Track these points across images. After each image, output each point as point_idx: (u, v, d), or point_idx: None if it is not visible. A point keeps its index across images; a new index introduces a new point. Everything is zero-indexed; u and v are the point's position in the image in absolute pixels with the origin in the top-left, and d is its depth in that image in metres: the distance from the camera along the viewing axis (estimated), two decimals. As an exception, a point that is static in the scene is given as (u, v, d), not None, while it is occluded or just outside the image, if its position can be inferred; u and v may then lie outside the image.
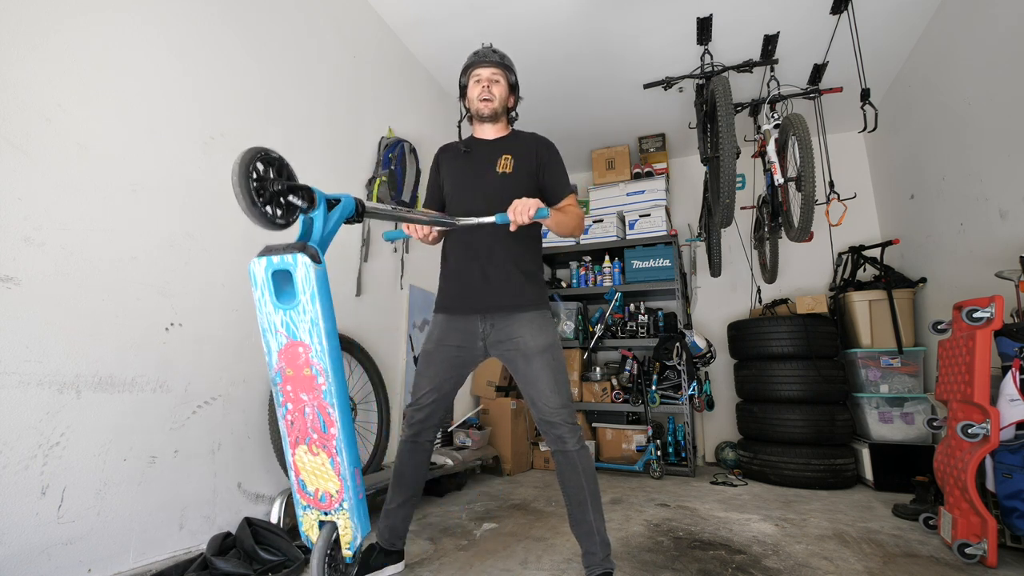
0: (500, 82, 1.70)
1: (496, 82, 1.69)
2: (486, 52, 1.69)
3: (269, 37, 2.14)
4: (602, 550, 1.49)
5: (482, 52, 1.70)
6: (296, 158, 2.21)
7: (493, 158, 1.68)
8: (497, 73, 1.69)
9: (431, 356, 1.63)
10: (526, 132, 1.78)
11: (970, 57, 2.58)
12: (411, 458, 1.64)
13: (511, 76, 1.72)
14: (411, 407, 1.64)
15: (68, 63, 1.43)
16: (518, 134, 1.77)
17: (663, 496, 2.78)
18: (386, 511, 1.64)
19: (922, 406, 3.00)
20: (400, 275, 2.89)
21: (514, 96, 1.76)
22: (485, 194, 1.64)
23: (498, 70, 1.69)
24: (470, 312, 1.62)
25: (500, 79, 1.70)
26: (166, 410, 1.61)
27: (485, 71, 1.68)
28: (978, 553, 1.74)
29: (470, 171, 1.69)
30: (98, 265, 1.46)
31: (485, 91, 1.68)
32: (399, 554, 1.67)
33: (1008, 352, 1.85)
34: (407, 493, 1.64)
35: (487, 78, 1.68)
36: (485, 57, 1.68)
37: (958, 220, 2.77)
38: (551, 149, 1.73)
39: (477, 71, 1.69)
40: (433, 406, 1.62)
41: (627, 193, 4.02)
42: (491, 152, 1.70)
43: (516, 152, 1.69)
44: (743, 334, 3.47)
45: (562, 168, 1.72)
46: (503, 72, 1.70)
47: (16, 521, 1.24)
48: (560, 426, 1.51)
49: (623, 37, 3.11)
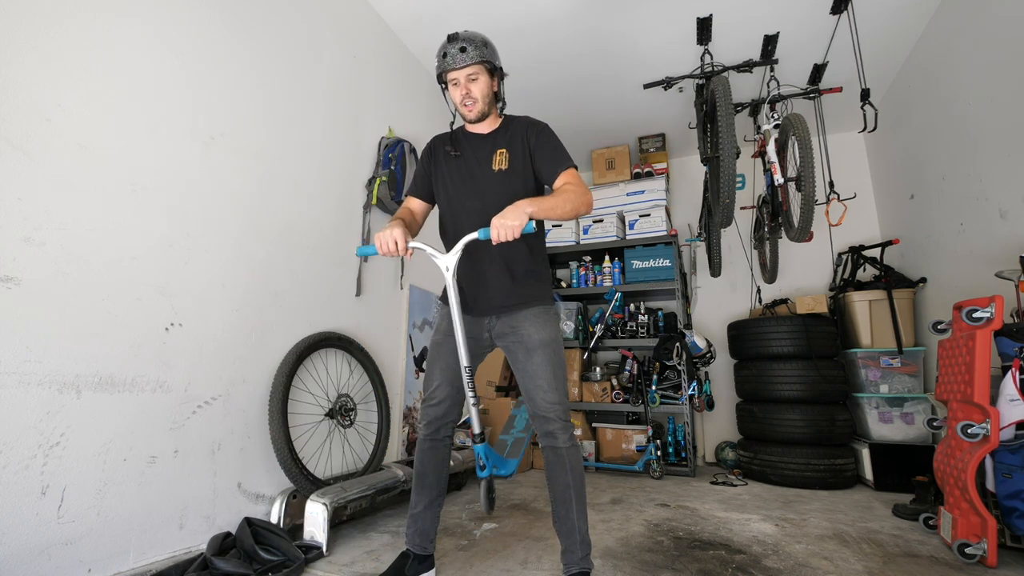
0: (479, 79, 1.58)
1: (474, 81, 1.57)
2: (455, 53, 1.53)
3: (269, 37, 2.14)
4: (581, 549, 1.48)
5: (451, 53, 1.54)
6: (296, 158, 2.23)
7: (488, 155, 1.63)
8: (474, 71, 1.56)
9: (440, 348, 1.61)
10: (520, 118, 1.67)
11: (970, 57, 2.58)
12: (432, 457, 1.61)
13: (488, 64, 1.58)
14: (425, 403, 1.62)
15: (68, 63, 1.43)
16: (510, 123, 1.67)
17: (663, 496, 2.78)
18: (412, 515, 1.61)
19: (922, 406, 3.00)
20: (400, 275, 2.89)
21: (497, 79, 1.63)
22: (483, 195, 1.60)
23: (474, 67, 1.55)
24: (475, 313, 1.62)
25: (478, 75, 1.57)
26: (166, 410, 1.61)
27: (461, 73, 1.56)
28: (978, 553, 1.74)
29: (466, 172, 1.64)
30: (98, 265, 1.46)
31: (467, 96, 1.58)
32: (431, 560, 1.63)
33: (1008, 352, 1.85)
34: (432, 494, 1.61)
35: (465, 81, 1.57)
36: (456, 60, 1.54)
37: (958, 220, 2.77)
38: (540, 130, 1.63)
39: (453, 75, 1.57)
40: (448, 401, 1.60)
41: (627, 193, 4.02)
42: (485, 148, 1.64)
43: (510, 145, 1.62)
44: (743, 334, 3.47)
45: (553, 146, 1.60)
46: (479, 67, 1.57)
47: (16, 521, 1.24)
48: (553, 422, 1.50)
49: (623, 37, 3.11)
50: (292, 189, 2.20)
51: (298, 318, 2.15)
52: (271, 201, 2.08)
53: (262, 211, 2.04)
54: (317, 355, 2.20)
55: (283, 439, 1.87)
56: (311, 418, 2.13)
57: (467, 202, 1.63)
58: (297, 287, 2.17)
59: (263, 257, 2.02)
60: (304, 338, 2.11)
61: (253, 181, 2.01)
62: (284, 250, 2.13)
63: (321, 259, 2.32)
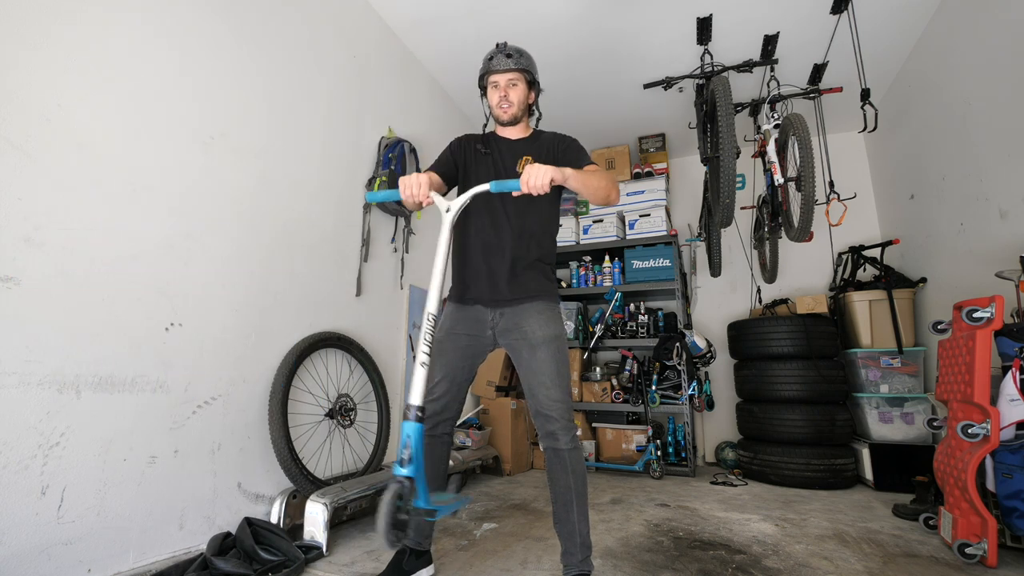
0: (518, 85, 1.67)
1: (514, 86, 1.67)
2: (500, 58, 1.64)
3: (269, 37, 2.14)
4: (581, 551, 1.48)
5: (497, 58, 1.65)
6: (296, 158, 2.23)
7: (515, 159, 1.70)
8: (515, 77, 1.66)
9: (442, 345, 1.62)
10: (548, 132, 1.76)
11: (970, 57, 2.58)
12: (430, 452, 1.62)
13: (528, 75, 1.68)
14: (426, 399, 1.63)
15: (68, 63, 1.43)
16: (539, 135, 1.75)
17: (663, 496, 2.78)
18: None
19: (922, 406, 3.00)
20: (400, 275, 2.89)
21: (534, 92, 1.73)
22: (503, 198, 1.64)
23: (515, 74, 1.65)
24: (479, 304, 1.63)
25: (518, 82, 1.67)
26: (166, 410, 1.61)
27: (502, 77, 1.65)
28: (978, 553, 1.74)
29: (492, 173, 1.68)
30: (98, 265, 1.46)
31: (503, 99, 1.67)
32: (428, 555, 1.65)
33: (1008, 352, 1.85)
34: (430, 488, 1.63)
35: (504, 84, 1.66)
36: (500, 64, 1.64)
37: (958, 220, 2.77)
38: (566, 140, 1.72)
39: (494, 77, 1.66)
40: (447, 397, 1.61)
41: (627, 193, 4.02)
42: (512, 153, 1.71)
43: (536, 154, 1.69)
44: (743, 334, 3.47)
45: (577, 148, 1.69)
46: (520, 74, 1.66)
47: (16, 521, 1.24)
48: (555, 421, 1.50)
49: (623, 37, 3.11)
50: (292, 189, 2.20)
51: (298, 318, 2.15)
52: (271, 201, 2.08)
53: (262, 211, 2.04)
54: (317, 355, 2.20)
55: (283, 439, 1.87)
56: (311, 418, 2.13)
57: (489, 201, 1.66)
58: (297, 287, 2.17)
59: (263, 257, 2.02)
60: (304, 338, 2.11)
61: (253, 181, 2.01)
62: (284, 250, 2.13)
63: (321, 259, 2.32)
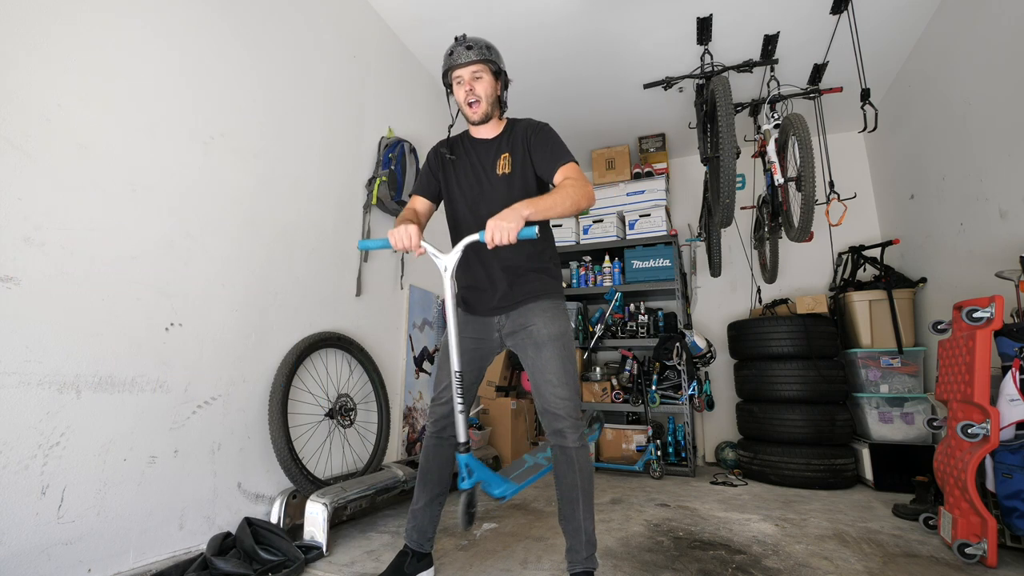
0: (483, 78, 1.59)
1: (479, 79, 1.58)
2: (461, 51, 1.56)
3: (269, 37, 2.14)
4: (586, 549, 1.48)
5: (457, 51, 1.57)
6: (296, 158, 2.23)
7: (493, 160, 1.64)
8: (478, 69, 1.58)
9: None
10: (521, 121, 1.68)
11: (970, 57, 2.58)
12: (436, 454, 1.62)
13: (493, 65, 1.60)
14: (434, 403, 1.63)
15: (68, 64, 1.43)
16: (513, 126, 1.67)
17: (663, 496, 2.78)
18: (413, 511, 1.62)
19: (922, 406, 3.00)
20: (400, 275, 2.89)
21: (501, 83, 1.65)
22: (489, 201, 1.60)
23: (478, 65, 1.57)
24: (484, 313, 1.63)
25: (483, 74, 1.59)
26: (166, 410, 1.61)
27: (465, 71, 1.57)
28: (978, 553, 1.74)
29: (473, 178, 1.65)
30: (98, 265, 1.46)
31: (470, 93, 1.59)
32: (429, 558, 1.64)
33: (1008, 352, 1.85)
34: (433, 491, 1.62)
35: (469, 78, 1.58)
36: (461, 57, 1.56)
37: (958, 220, 2.77)
38: (538, 129, 1.62)
39: (457, 72, 1.59)
40: None
41: (627, 193, 4.02)
42: (490, 153, 1.65)
43: (512, 148, 1.63)
44: (743, 334, 3.47)
45: (551, 142, 1.59)
46: (484, 66, 1.58)
47: (16, 521, 1.24)
48: (563, 419, 1.48)
49: (623, 37, 3.11)
50: (292, 189, 2.20)
51: (298, 318, 2.15)
52: (271, 201, 2.08)
53: (262, 211, 2.03)
54: (317, 355, 2.20)
55: (283, 439, 1.87)
56: (311, 418, 2.13)
57: (474, 207, 1.63)
58: (297, 287, 2.17)
59: (263, 257, 2.02)
60: (304, 338, 2.11)
61: (253, 181, 2.01)
62: (284, 250, 2.13)
63: (321, 259, 2.32)
